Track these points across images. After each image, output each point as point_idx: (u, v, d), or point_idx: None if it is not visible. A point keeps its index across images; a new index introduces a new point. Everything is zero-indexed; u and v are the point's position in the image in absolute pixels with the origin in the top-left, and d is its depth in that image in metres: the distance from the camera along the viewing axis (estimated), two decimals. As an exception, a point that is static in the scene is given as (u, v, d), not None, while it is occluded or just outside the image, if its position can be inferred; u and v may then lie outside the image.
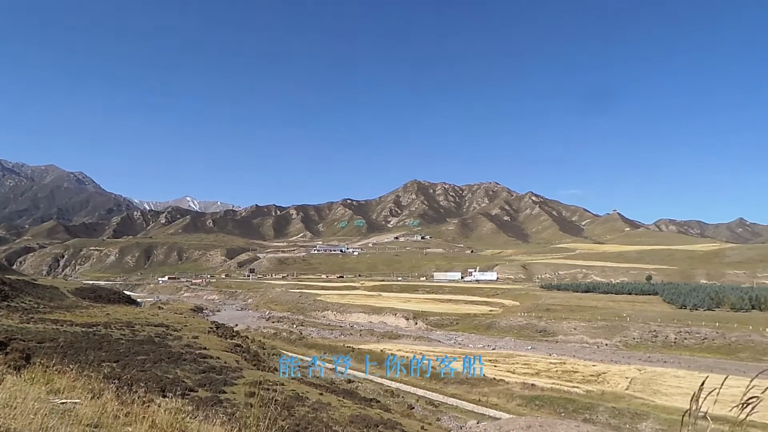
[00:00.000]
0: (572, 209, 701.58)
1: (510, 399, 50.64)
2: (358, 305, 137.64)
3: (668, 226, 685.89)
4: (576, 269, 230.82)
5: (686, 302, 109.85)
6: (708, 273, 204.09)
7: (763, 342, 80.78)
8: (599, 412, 45.23)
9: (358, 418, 27.02)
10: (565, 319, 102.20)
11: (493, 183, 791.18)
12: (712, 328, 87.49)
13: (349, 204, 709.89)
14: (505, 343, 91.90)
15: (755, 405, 2.64)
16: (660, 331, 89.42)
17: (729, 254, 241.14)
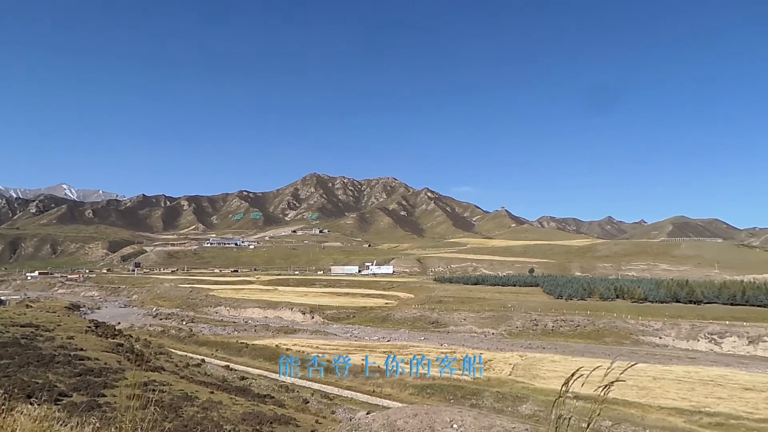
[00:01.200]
0: (465, 206, 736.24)
1: (403, 389, 52.18)
2: (254, 300, 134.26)
3: (549, 222, 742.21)
4: (467, 263, 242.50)
5: (563, 293, 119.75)
6: (582, 266, 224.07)
7: (625, 327, 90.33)
8: (485, 397, 48.02)
9: (250, 416, 26.39)
10: (456, 311, 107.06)
11: (392, 178, 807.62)
12: (584, 316, 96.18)
13: (246, 196, 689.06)
14: (399, 335, 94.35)
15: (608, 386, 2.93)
16: (540, 320, 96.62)
17: (599, 249, 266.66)
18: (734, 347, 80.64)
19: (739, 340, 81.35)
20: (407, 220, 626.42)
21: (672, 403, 44.32)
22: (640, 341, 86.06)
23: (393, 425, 4.37)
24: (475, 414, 4.58)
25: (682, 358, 74.27)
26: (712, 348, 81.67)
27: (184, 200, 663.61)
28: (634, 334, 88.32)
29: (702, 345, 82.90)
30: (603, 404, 2.98)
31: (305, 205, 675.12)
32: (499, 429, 4.41)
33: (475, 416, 4.63)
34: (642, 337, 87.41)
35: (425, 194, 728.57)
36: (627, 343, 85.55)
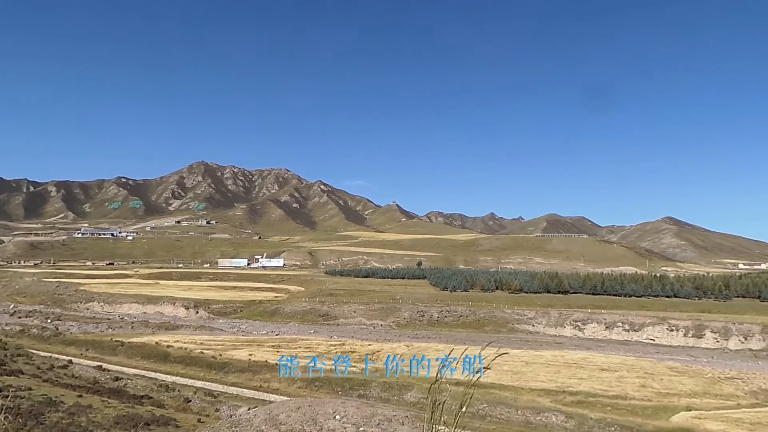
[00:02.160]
0: (357, 199, 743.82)
1: (292, 383, 51.70)
2: (131, 295, 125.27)
3: (437, 217, 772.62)
4: (358, 256, 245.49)
5: (448, 285, 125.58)
6: (466, 259, 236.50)
7: (503, 316, 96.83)
8: (372, 388, 49.04)
9: (125, 418, 24.67)
10: (347, 303, 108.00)
11: (284, 170, 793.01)
12: (466, 307, 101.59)
13: (125, 183, 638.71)
14: (289, 329, 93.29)
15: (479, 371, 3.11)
16: (426, 311, 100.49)
17: (482, 243, 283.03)
18: (594, 332, 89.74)
19: (598, 326, 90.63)
20: (300, 212, 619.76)
21: (541, 385, 48.32)
22: (516, 329, 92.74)
23: (275, 420, 4.31)
24: (357, 404, 4.66)
25: (551, 343, 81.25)
26: (576, 334, 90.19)
27: (51, 186, 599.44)
28: (511, 322, 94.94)
29: (568, 331, 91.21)
30: (475, 388, 3.15)
31: (191, 194, 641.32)
32: (381, 417, 4.52)
33: (358, 406, 4.71)
34: (517, 325, 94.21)
35: (318, 187, 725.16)
36: (504, 331, 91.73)
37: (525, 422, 39.68)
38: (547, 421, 39.12)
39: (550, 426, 38.54)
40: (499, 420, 40.38)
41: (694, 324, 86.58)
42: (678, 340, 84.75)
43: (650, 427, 36.24)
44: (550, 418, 39.26)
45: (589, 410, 40.76)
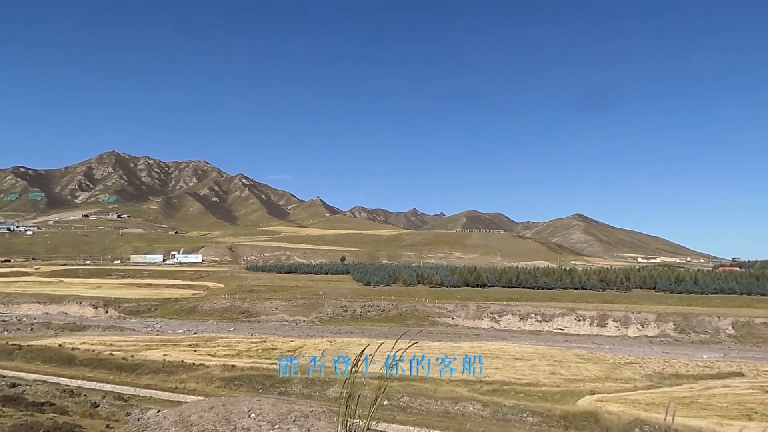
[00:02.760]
0: (280, 194, 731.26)
1: (210, 382, 50.04)
2: (31, 294, 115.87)
3: (361, 213, 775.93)
4: (281, 251, 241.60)
5: (371, 280, 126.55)
6: (389, 254, 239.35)
7: (424, 310, 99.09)
8: (294, 384, 48.50)
9: (22, 428, 22.82)
10: (269, 300, 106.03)
11: (203, 162, 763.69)
12: (389, 301, 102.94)
13: (23, 173, 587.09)
14: (207, 327, 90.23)
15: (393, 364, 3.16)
16: (349, 306, 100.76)
17: (404, 239, 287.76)
18: (509, 324, 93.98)
19: (513, 318, 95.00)
20: (219, 206, 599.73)
21: (460, 376, 49.92)
22: (437, 322, 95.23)
23: (186, 421, 4.14)
24: (273, 401, 4.56)
25: (469, 335, 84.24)
26: (493, 325, 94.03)
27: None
28: (432, 316, 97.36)
29: (485, 323, 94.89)
30: (390, 380, 3.20)
31: (101, 186, 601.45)
32: (297, 413, 4.46)
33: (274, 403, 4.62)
34: (438, 318, 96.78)
35: (240, 180, 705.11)
36: (425, 324, 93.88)
37: (444, 412, 40.86)
38: (464, 410, 40.51)
39: (468, 414, 39.96)
40: (419, 411, 41.30)
41: (598, 314, 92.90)
42: (584, 329, 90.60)
43: (558, 411, 38.48)
44: (467, 407, 40.69)
45: (504, 398, 42.65)
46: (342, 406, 3.22)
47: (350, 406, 3.17)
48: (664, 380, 52.64)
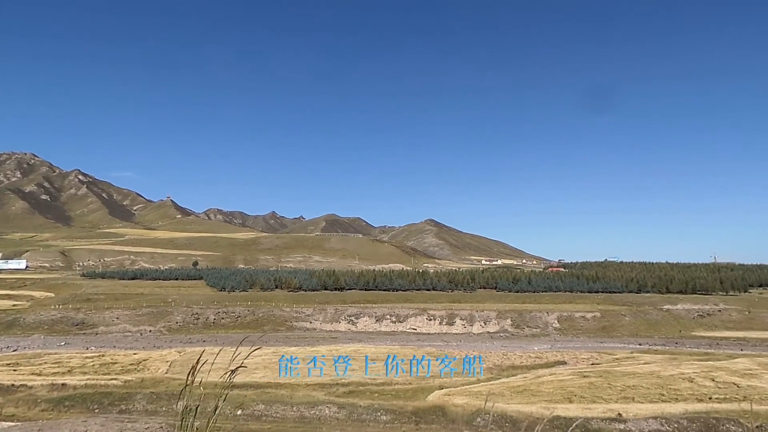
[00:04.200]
0: (125, 193, 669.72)
1: (33, 405, 44.01)
2: None
3: (217, 215, 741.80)
4: (124, 255, 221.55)
5: (226, 285, 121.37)
6: (246, 258, 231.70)
7: (282, 315, 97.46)
8: (137, 400, 44.64)
9: None
10: (108, 309, 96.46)
11: (30, 154, 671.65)
12: (245, 307, 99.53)
13: None
14: (32, 342, 79.27)
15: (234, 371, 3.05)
16: (202, 314, 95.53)
17: (263, 242, 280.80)
18: (366, 326, 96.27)
19: (369, 320, 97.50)
20: (50, 205, 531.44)
21: (316, 380, 49.94)
22: (295, 327, 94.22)
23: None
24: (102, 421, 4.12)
25: (327, 338, 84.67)
26: (350, 328, 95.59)
27: None
28: (289, 320, 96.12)
29: (343, 326, 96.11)
30: (229, 388, 3.07)
31: None
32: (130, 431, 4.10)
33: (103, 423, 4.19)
34: (296, 323, 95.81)
35: (76, 177, 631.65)
36: (283, 329, 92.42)
37: (300, 418, 40.54)
38: (320, 414, 40.59)
39: (324, 418, 40.10)
40: (275, 419, 40.50)
41: (447, 313, 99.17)
42: (435, 328, 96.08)
43: (410, 408, 40.29)
44: (323, 411, 40.83)
45: (360, 399, 43.53)
46: (177, 419, 3.02)
47: (187, 419, 2.98)
48: (503, 372, 57.77)
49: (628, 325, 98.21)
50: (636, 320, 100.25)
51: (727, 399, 40.20)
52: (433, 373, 54.06)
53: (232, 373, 3.06)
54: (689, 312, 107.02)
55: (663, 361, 59.71)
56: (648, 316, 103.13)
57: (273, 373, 51.70)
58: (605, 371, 53.41)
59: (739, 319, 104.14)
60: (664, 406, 38.20)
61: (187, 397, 2.99)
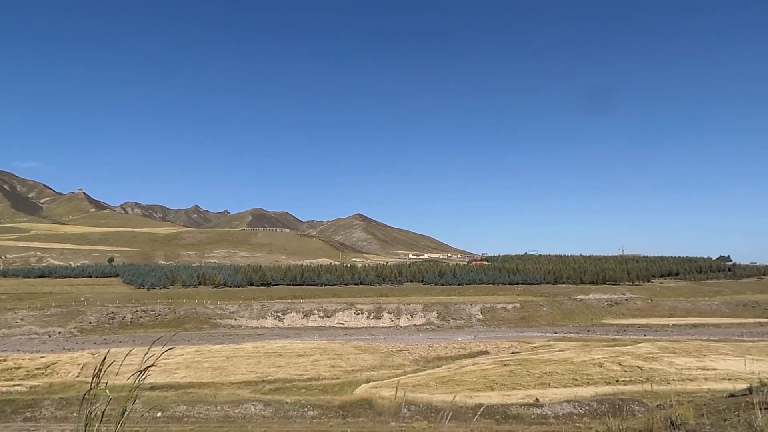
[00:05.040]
0: (30, 184, 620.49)
1: None
2: None
3: (134, 209, 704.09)
4: (29, 252, 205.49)
5: (145, 282, 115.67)
6: (166, 254, 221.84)
7: (205, 312, 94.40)
8: (45, 407, 41.65)
9: None
10: (11, 310, 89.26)
11: None
12: (165, 305, 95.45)
13: None
14: None
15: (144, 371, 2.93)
16: (118, 313, 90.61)
17: (185, 237, 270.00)
18: (293, 321, 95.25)
19: (296, 315, 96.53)
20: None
21: (242, 377, 48.86)
22: (219, 324, 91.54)
23: None
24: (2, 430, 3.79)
25: (253, 335, 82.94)
26: (277, 324, 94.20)
27: None
28: (213, 318, 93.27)
29: (269, 322, 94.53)
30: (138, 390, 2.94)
31: None
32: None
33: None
34: (220, 320, 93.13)
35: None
36: (206, 327, 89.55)
37: (224, 417, 39.48)
38: (245, 412, 39.74)
39: (249, 416, 39.29)
40: (197, 419, 39.17)
41: (375, 307, 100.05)
42: (363, 322, 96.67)
43: (337, 402, 40.31)
44: (248, 409, 40.00)
45: (286, 395, 43.05)
46: (81, 426, 2.85)
47: (92, 425, 2.82)
48: (428, 363, 59.15)
49: (545, 315, 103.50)
50: (553, 310, 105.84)
51: (632, 381, 43.38)
52: (361, 367, 54.50)
53: (142, 374, 2.93)
54: (600, 301, 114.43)
55: (576, 348, 63.46)
56: (563, 306, 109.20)
57: (196, 372, 50.10)
58: (524, 359, 56.02)
59: (643, 307, 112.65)
60: (576, 390, 40.62)
61: (92, 401, 2.83)
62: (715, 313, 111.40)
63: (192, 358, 57.94)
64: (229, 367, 53.12)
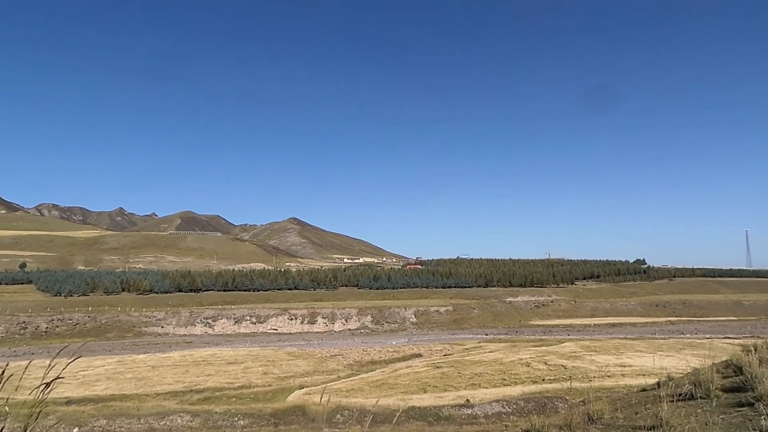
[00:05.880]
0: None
1: None
2: None
3: (51, 211, 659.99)
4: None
5: (62, 289, 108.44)
6: (87, 259, 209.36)
7: (129, 320, 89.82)
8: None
9: None
10: None
11: None
12: (85, 313, 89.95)
13: None
14: None
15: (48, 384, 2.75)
16: (31, 322, 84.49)
17: (108, 241, 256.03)
18: (224, 328, 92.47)
19: (228, 322, 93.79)
20: None
21: (168, 388, 46.82)
22: (144, 332, 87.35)
23: None
24: None
25: (180, 343, 79.73)
26: (206, 331, 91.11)
27: None
28: (138, 326, 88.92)
29: (198, 329, 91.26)
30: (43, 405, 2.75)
31: None
32: None
33: None
34: (145, 328, 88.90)
35: None
36: (130, 335, 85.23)
37: (148, 430, 37.68)
38: (172, 424, 38.11)
39: (175, 428, 37.70)
40: (118, 434, 37.15)
41: (309, 312, 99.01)
42: (296, 327, 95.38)
43: (269, 410, 39.49)
44: (175, 421, 38.40)
45: (215, 405, 41.68)
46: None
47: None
48: (363, 367, 59.17)
49: (476, 317, 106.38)
50: (484, 312, 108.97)
51: (556, 379, 45.36)
52: (294, 374, 53.73)
53: (48, 387, 2.74)
54: (528, 303, 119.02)
55: (505, 349, 65.62)
56: (494, 308, 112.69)
57: (118, 384, 47.54)
58: (456, 361, 57.25)
59: (567, 308, 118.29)
60: (505, 390, 41.98)
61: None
62: (632, 313, 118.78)
63: (114, 368, 54.93)
64: (154, 378, 50.78)
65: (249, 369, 55.00)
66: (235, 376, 51.88)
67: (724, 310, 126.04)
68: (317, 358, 63.18)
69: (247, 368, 55.35)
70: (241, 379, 50.80)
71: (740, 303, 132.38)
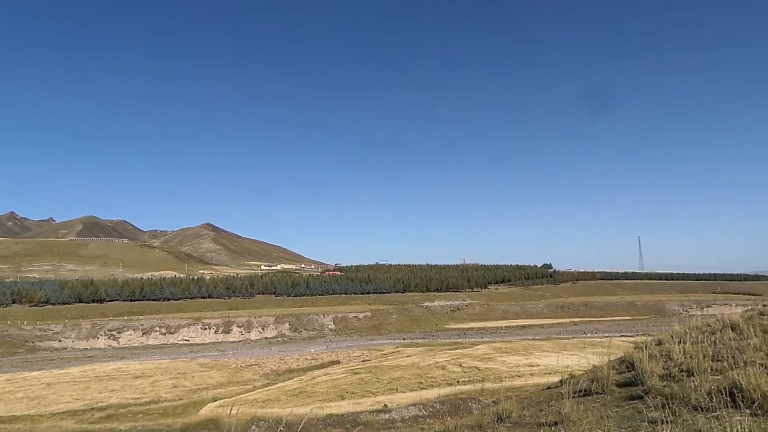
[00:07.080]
0: None
1: None
2: None
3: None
4: None
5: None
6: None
7: (20, 334, 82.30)
8: None
9: None
10: None
11: None
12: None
13: None
14: None
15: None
16: None
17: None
18: (130, 340, 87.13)
19: (134, 333, 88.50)
20: None
21: (66, 407, 43.38)
22: (38, 347, 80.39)
23: None
24: None
25: (81, 358, 74.16)
26: (111, 344, 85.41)
27: None
28: (31, 340, 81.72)
29: (102, 342, 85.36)
30: None
31: None
32: None
33: None
34: (40, 342, 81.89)
35: None
36: (21, 351, 78.10)
37: (42, 454, 34.71)
38: (69, 446, 35.36)
39: (74, 450, 35.03)
40: (6, 459, 33.90)
41: (224, 321, 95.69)
42: (210, 337, 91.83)
43: (179, 425, 37.65)
44: (73, 442, 35.65)
45: (120, 423, 39.11)
46: None
47: None
48: (280, 376, 58.04)
49: (394, 322, 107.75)
50: (401, 317, 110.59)
51: (470, 381, 46.89)
52: (207, 385, 51.69)
53: None
54: (443, 308, 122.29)
55: (422, 353, 66.96)
56: (411, 313, 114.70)
57: (6, 404, 43.38)
58: (374, 366, 57.63)
59: (481, 312, 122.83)
60: (422, 393, 42.79)
61: None
62: (540, 315, 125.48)
63: (1, 388, 50.05)
64: (50, 396, 46.83)
65: (158, 382, 52.17)
66: (143, 390, 49.01)
67: (621, 311, 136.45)
68: (232, 368, 61.13)
69: (156, 382, 52.48)
70: (149, 393, 48.08)
71: (634, 304, 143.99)
